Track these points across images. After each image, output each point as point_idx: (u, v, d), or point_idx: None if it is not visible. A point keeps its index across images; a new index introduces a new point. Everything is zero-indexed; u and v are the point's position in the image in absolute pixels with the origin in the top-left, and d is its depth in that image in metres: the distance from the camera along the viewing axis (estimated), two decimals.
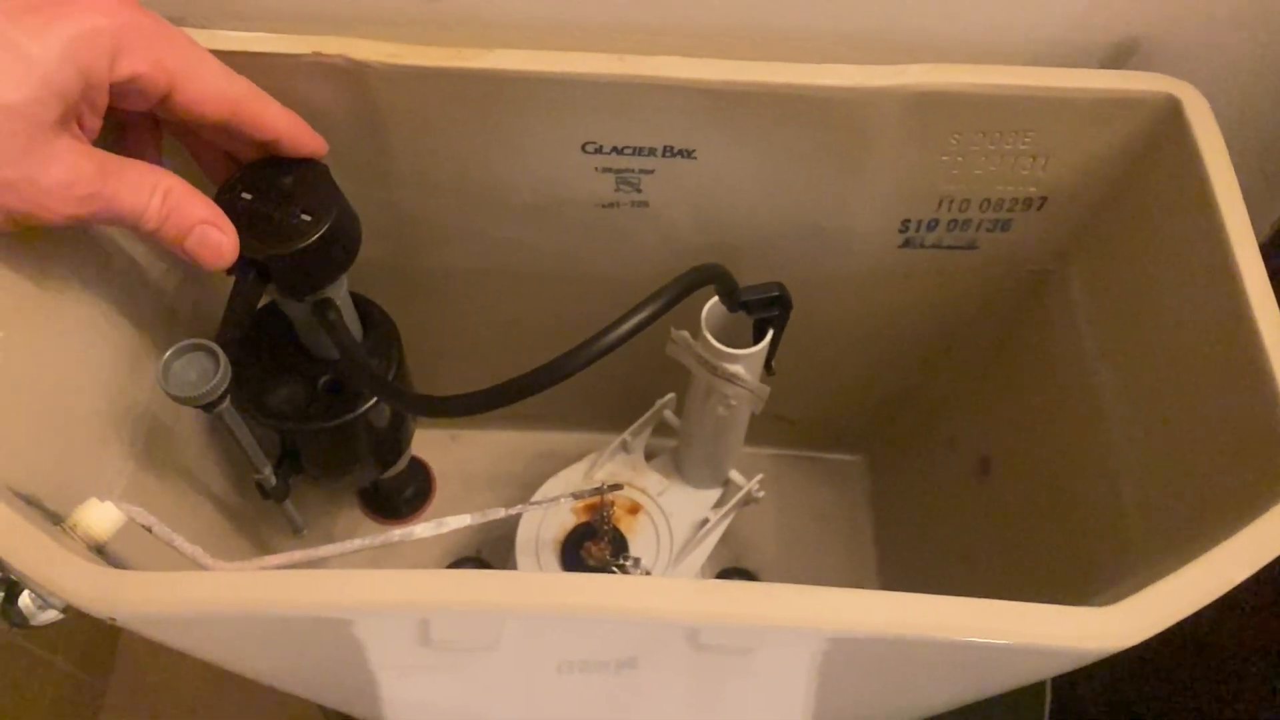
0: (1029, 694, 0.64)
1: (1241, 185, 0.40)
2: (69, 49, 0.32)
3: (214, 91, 0.38)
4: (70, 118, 0.34)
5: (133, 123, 0.40)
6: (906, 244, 0.50)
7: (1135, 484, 0.43)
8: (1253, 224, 0.39)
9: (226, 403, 0.40)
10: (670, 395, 0.58)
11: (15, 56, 0.31)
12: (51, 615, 0.34)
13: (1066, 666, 0.34)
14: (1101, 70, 0.44)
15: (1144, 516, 0.42)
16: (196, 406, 0.39)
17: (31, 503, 0.35)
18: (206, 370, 0.39)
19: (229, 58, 0.41)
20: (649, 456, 0.59)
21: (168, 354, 0.39)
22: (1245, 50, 0.45)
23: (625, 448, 0.59)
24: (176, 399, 0.38)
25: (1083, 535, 0.46)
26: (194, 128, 0.39)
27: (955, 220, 0.49)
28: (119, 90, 0.35)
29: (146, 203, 0.36)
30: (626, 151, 0.45)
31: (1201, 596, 0.30)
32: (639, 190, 0.48)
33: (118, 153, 0.36)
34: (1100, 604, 0.31)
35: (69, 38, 0.32)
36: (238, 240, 0.38)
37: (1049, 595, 0.48)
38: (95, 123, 0.36)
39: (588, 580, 0.32)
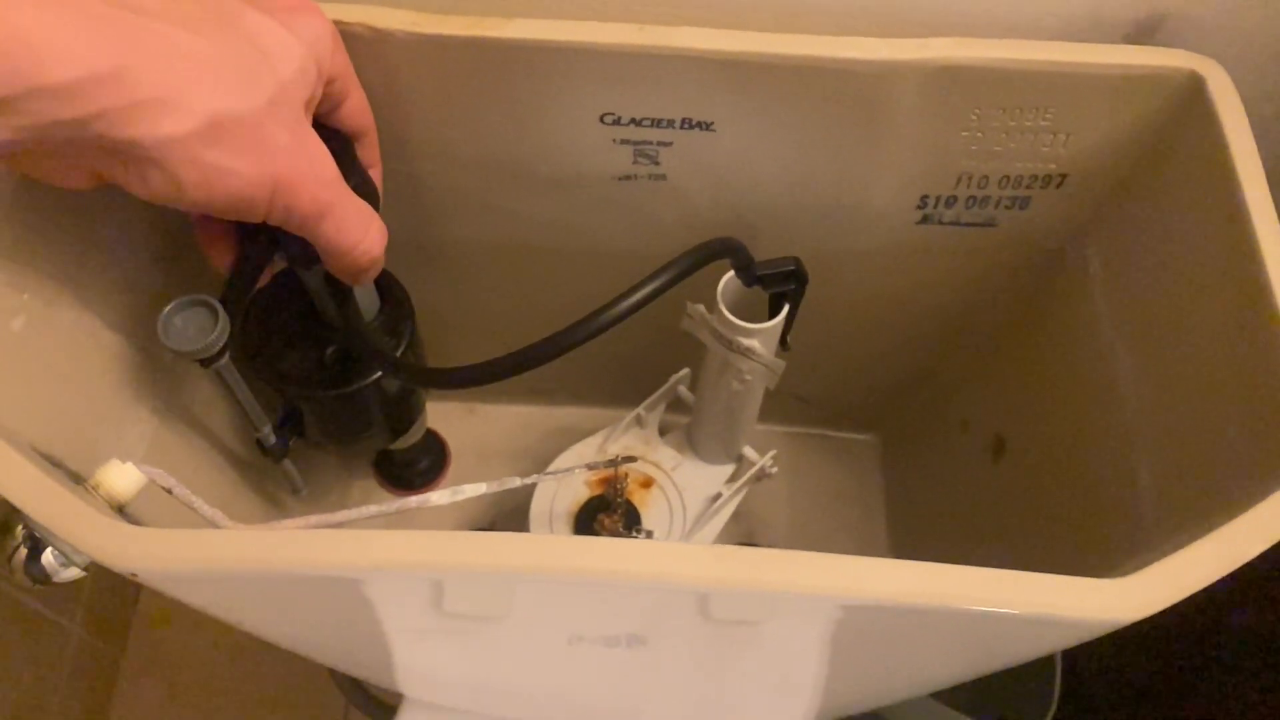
0: (1038, 673, 0.64)
1: (1265, 163, 0.39)
2: (311, 43, 0.34)
3: (365, 102, 0.40)
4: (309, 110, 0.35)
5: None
6: (924, 220, 0.50)
7: (1150, 463, 0.43)
8: (1277, 202, 0.39)
9: (225, 359, 0.40)
10: (685, 370, 0.58)
11: (280, 38, 0.33)
12: (73, 573, 0.35)
13: (1076, 639, 0.34)
14: (1124, 46, 0.44)
15: (1158, 495, 0.42)
16: (194, 360, 0.39)
17: (55, 463, 0.36)
18: (205, 326, 0.39)
19: None
20: (663, 431, 0.60)
21: (168, 308, 0.39)
22: (1271, 27, 0.44)
23: (639, 422, 0.59)
24: (174, 353, 0.39)
25: (1097, 514, 0.46)
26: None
27: (974, 197, 0.48)
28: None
29: (364, 229, 0.37)
30: (645, 123, 0.45)
31: (1211, 572, 0.30)
32: (656, 163, 0.48)
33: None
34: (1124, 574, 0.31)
35: (311, 32, 0.35)
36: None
37: (1063, 572, 0.48)
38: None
39: (603, 543, 0.32)
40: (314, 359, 0.47)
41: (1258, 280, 0.37)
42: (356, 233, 0.37)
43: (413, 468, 0.68)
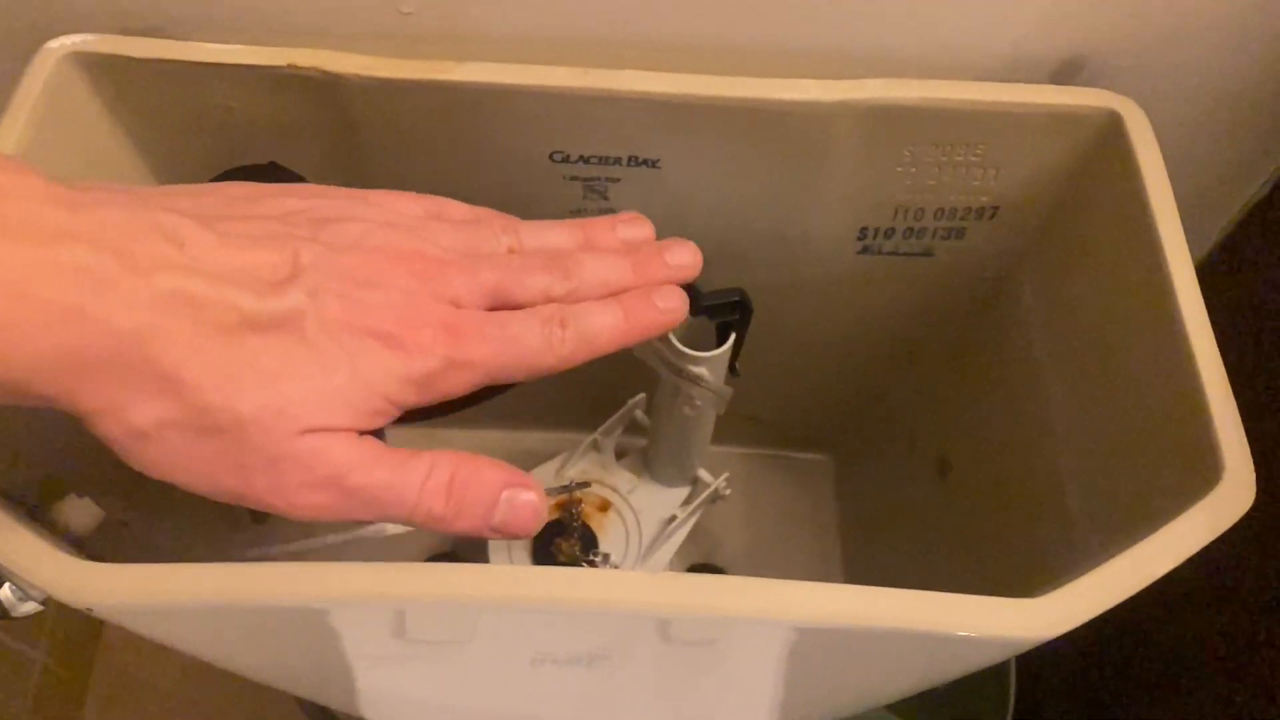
0: (993, 687, 0.66)
1: (1188, 196, 0.42)
2: (377, 385, 0.29)
3: (536, 367, 0.33)
4: (343, 429, 0.29)
5: None
6: (865, 250, 0.52)
7: (1079, 486, 0.45)
8: (1195, 237, 0.41)
9: None
10: (641, 395, 0.59)
11: (316, 364, 0.28)
12: (31, 607, 0.36)
13: (997, 656, 0.36)
14: (1048, 86, 0.46)
15: (1087, 516, 0.43)
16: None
17: (11, 497, 0.36)
18: None
19: (206, 70, 0.42)
20: (620, 455, 0.61)
21: None
22: (1186, 67, 0.47)
23: (596, 446, 0.61)
24: None
25: (1033, 534, 0.48)
26: None
27: (911, 228, 0.50)
28: None
29: (417, 490, 0.30)
30: (593, 161, 0.47)
31: (1124, 589, 0.32)
32: (606, 198, 0.49)
33: None
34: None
35: (382, 376, 0.29)
36: (540, 487, 0.33)
37: (1001, 589, 0.50)
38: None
39: (558, 574, 0.33)
40: None
41: (1170, 311, 0.39)
42: (403, 494, 0.30)
43: None
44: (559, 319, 0.33)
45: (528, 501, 0.32)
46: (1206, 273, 0.54)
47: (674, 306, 0.36)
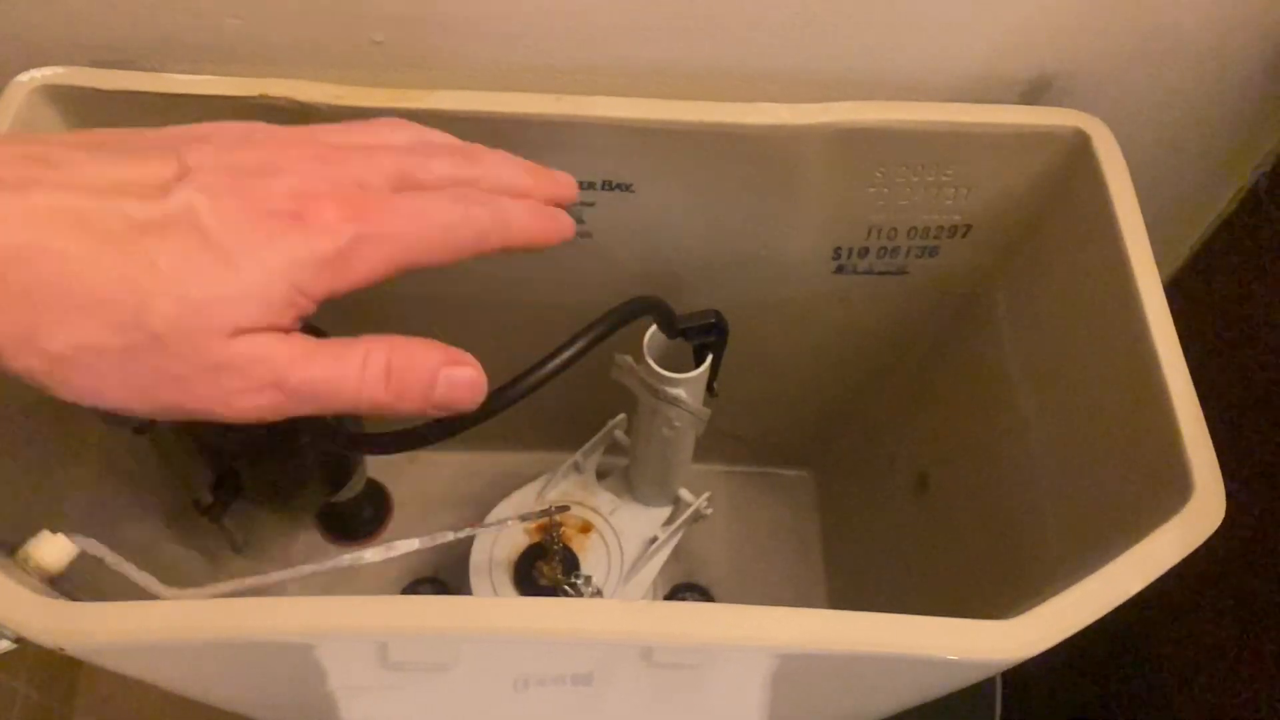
0: (979, 700, 0.66)
1: (1156, 212, 0.42)
2: (285, 272, 0.28)
3: (456, 244, 0.32)
4: (267, 325, 0.28)
5: None
6: (840, 270, 0.52)
7: (1054, 501, 0.45)
8: (1166, 252, 0.41)
9: (156, 425, 0.41)
10: (621, 416, 0.59)
11: (220, 261, 0.27)
12: (4, 645, 0.35)
13: (977, 676, 0.36)
14: (1017, 106, 0.46)
15: (1061, 530, 0.44)
16: (126, 428, 0.39)
17: None
18: None
19: (176, 100, 0.42)
20: (601, 476, 0.61)
21: None
22: (1151, 84, 0.47)
23: (578, 468, 0.61)
24: (106, 422, 0.39)
25: (1009, 548, 0.48)
26: None
27: (885, 247, 0.51)
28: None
29: (357, 379, 0.29)
30: None
31: (1091, 612, 0.32)
32: (581, 221, 0.49)
33: None
34: (1019, 614, 0.33)
35: (287, 262, 0.28)
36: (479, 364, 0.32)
37: (981, 604, 0.50)
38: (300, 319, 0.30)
39: (537, 604, 0.33)
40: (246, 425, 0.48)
41: (1138, 326, 0.39)
42: (341, 382, 0.29)
43: (356, 518, 0.69)
44: (471, 197, 0.32)
45: (465, 376, 0.31)
46: (1178, 288, 0.55)
47: (571, 222, 0.36)
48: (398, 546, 0.44)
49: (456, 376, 0.31)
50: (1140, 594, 0.34)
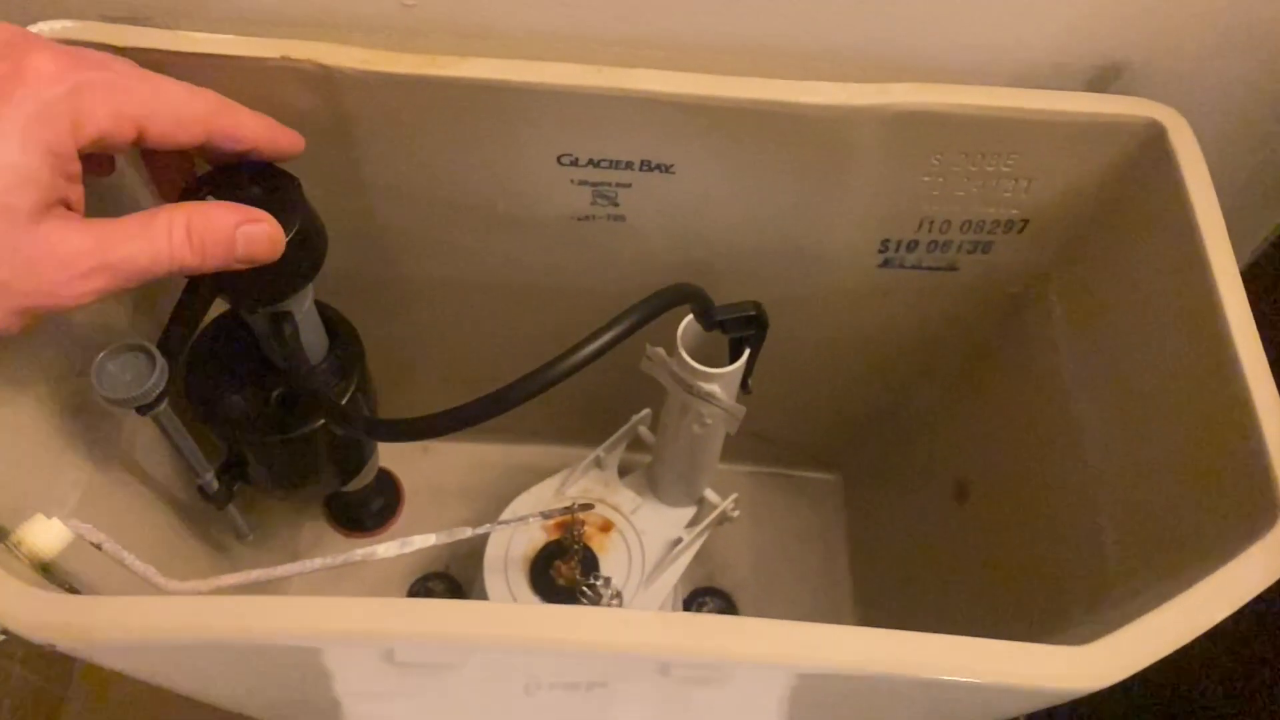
0: None
1: (1226, 212, 0.39)
2: (28, 131, 0.30)
3: (184, 117, 0.35)
4: (51, 198, 0.31)
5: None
6: (886, 264, 0.49)
7: (1113, 514, 0.42)
8: (1237, 250, 0.38)
9: (162, 406, 0.39)
10: (646, 411, 0.57)
11: None
12: None
13: (1040, 705, 0.33)
14: (1085, 94, 0.44)
15: (1121, 547, 0.41)
16: (131, 409, 0.38)
17: None
18: (141, 372, 0.37)
19: (196, 60, 0.40)
20: (623, 473, 0.58)
21: (101, 355, 0.37)
22: (1230, 76, 0.45)
23: (599, 464, 0.58)
24: (110, 401, 0.37)
25: (1060, 564, 0.46)
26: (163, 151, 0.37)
27: (935, 241, 0.48)
28: (87, 153, 0.33)
29: (167, 246, 0.33)
30: (603, 164, 0.44)
31: (1178, 638, 0.30)
32: (616, 204, 0.47)
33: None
34: (1077, 635, 0.30)
35: (25, 120, 0.30)
36: (274, 218, 0.36)
37: (1025, 622, 0.47)
38: (77, 192, 0.33)
39: (551, 612, 0.31)
40: (258, 403, 0.45)
41: (1217, 330, 0.36)
42: (155, 254, 0.33)
43: (365, 508, 0.67)
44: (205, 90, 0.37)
45: (260, 232, 0.35)
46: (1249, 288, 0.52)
47: (298, 137, 0.40)
48: (413, 542, 0.42)
49: (254, 232, 0.35)
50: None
